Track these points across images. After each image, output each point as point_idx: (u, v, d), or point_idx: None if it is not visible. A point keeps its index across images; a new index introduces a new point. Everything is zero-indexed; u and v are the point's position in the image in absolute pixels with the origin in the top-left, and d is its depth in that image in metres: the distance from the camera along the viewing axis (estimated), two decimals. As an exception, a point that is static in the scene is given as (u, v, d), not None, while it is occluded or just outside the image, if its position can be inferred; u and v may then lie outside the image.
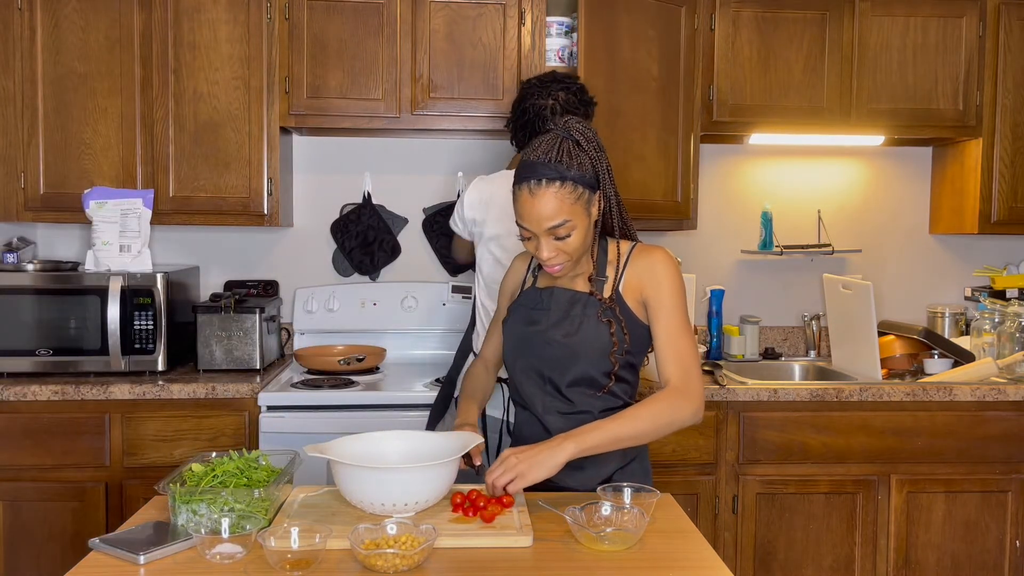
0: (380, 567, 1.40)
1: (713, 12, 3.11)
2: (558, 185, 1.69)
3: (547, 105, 2.40)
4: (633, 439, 1.72)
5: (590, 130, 1.77)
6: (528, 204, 1.71)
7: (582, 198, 1.72)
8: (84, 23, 2.95)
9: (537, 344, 1.84)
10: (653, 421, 1.72)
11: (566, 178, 1.69)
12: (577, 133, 1.74)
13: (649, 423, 1.71)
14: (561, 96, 2.41)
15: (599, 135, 1.80)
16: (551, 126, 1.79)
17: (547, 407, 1.85)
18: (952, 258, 3.62)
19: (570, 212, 1.71)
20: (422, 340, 3.38)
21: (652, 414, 1.72)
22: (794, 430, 2.84)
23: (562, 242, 1.73)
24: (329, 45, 3.01)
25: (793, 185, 3.55)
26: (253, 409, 2.76)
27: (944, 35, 3.19)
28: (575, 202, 1.71)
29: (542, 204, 1.69)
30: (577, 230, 1.73)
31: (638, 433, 1.71)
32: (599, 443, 1.68)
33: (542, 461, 1.63)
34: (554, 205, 1.69)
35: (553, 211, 1.69)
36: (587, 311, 1.80)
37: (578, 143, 1.74)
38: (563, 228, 1.71)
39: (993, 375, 2.98)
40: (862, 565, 2.88)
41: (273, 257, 3.43)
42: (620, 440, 1.71)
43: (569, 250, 1.74)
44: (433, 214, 3.40)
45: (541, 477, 1.63)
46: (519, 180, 1.73)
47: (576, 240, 1.74)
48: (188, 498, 1.55)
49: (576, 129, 1.75)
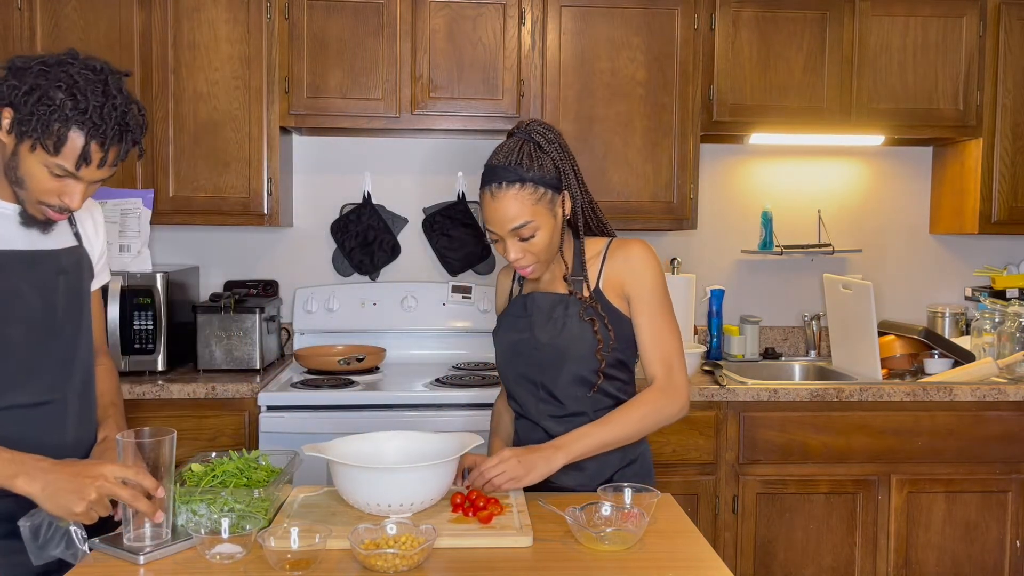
0: (380, 567, 1.40)
1: (713, 12, 3.11)
2: (517, 187, 1.73)
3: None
4: (621, 442, 1.79)
5: (551, 131, 1.81)
6: (491, 207, 1.76)
7: (544, 198, 1.76)
8: (84, 23, 2.95)
9: (525, 350, 1.86)
10: (640, 423, 1.79)
11: (525, 180, 1.74)
12: (538, 135, 1.79)
13: (636, 426, 1.78)
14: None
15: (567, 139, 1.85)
16: (514, 130, 1.82)
17: (541, 412, 1.86)
18: (952, 258, 3.62)
19: (532, 213, 1.75)
20: (422, 340, 3.38)
21: (638, 417, 1.78)
22: (794, 430, 2.84)
23: (527, 243, 1.77)
24: (329, 45, 3.01)
25: (793, 185, 3.55)
26: (253, 409, 2.76)
27: (944, 35, 3.19)
28: (536, 203, 1.75)
29: (503, 206, 1.74)
30: (542, 230, 1.77)
31: (625, 436, 1.79)
32: (587, 450, 1.76)
33: (540, 467, 1.70)
34: (515, 207, 1.74)
35: (515, 213, 1.74)
36: (569, 311, 1.82)
37: (539, 145, 1.78)
38: (526, 229, 1.75)
39: (993, 375, 2.98)
40: (862, 565, 2.88)
41: (273, 257, 3.43)
42: (608, 444, 1.78)
43: (535, 250, 1.78)
44: (433, 214, 3.40)
45: (536, 481, 1.70)
46: (483, 184, 1.78)
47: (542, 240, 1.77)
48: (188, 498, 1.55)
49: (537, 131, 1.79)
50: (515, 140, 1.78)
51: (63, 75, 1.48)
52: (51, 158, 1.49)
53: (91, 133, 1.49)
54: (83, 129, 1.48)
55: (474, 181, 3.42)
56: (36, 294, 1.61)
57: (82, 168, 1.51)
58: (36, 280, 1.62)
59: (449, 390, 2.82)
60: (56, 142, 1.48)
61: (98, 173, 1.54)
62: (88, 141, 1.49)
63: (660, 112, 3.10)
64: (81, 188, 1.55)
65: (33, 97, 1.47)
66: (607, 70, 3.08)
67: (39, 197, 1.55)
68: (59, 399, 1.63)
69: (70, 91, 1.47)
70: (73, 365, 1.68)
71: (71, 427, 1.66)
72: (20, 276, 1.60)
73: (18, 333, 1.59)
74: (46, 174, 1.52)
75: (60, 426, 1.64)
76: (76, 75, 1.48)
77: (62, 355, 1.66)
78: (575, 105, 3.07)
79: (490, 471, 1.68)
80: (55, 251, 1.66)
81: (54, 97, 1.47)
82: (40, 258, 1.63)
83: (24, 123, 1.48)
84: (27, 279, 1.60)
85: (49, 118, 1.46)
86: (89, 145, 1.49)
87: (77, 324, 1.70)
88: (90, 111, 1.48)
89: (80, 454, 1.65)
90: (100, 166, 1.53)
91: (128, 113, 1.53)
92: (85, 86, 1.48)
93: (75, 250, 1.72)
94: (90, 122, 1.48)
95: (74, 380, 1.67)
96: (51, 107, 1.46)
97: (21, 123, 1.48)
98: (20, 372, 1.59)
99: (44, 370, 1.61)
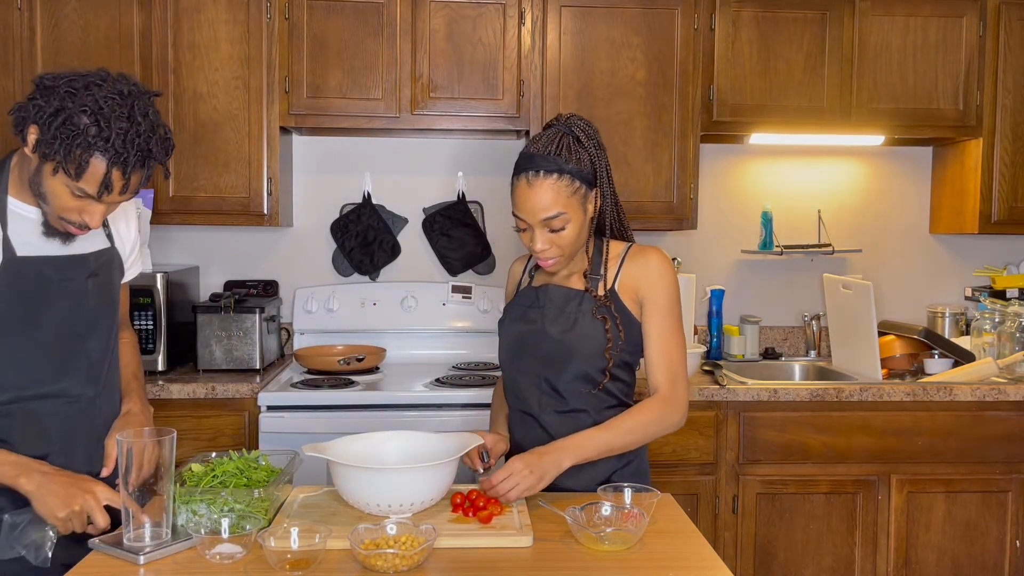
0: (380, 567, 1.40)
1: (713, 12, 3.11)
2: (555, 177, 1.73)
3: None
4: (623, 448, 1.81)
5: (591, 127, 1.81)
6: (525, 194, 1.74)
7: (578, 193, 1.76)
8: (84, 23, 2.95)
9: (533, 342, 1.85)
10: (644, 432, 1.80)
11: (564, 171, 1.73)
12: (578, 129, 1.78)
13: (640, 434, 1.80)
14: None
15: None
16: (553, 122, 1.81)
17: (543, 405, 1.86)
18: (952, 258, 3.62)
19: (565, 205, 1.74)
20: (422, 340, 3.38)
21: (643, 425, 1.80)
22: (794, 430, 2.84)
23: (556, 235, 1.76)
24: (329, 45, 3.01)
25: (793, 185, 3.55)
26: (253, 409, 2.76)
27: (944, 35, 3.19)
28: (571, 196, 1.75)
29: (538, 195, 1.73)
30: (572, 224, 1.76)
31: (629, 443, 1.80)
32: (594, 453, 1.77)
33: (547, 472, 1.69)
34: (550, 196, 1.73)
35: (549, 202, 1.73)
36: (582, 308, 1.82)
37: (578, 139, 1.77)
38: (558, 220, 1.74)
39: (993, 375, 2.98)
40: (862, 565, 2.88)
41: (273, 257, 3.43)
42: (612, 449, 1.79)
43: (562, 243, 1.77)
44: (433, 214, 3.40)
45: (542, 487, 1.69)
46: (518, 171, 1.77)
47: (570, 234, 1.77)
48: (188, 498, 1.55)
49: (577, 125, 1.79)
50: (554, 131, 1.78)
51: (89, 99, 1.48)
52: (73, 182, 1.51)
53: (113, 160, 1.49)
54: (106, 156, 1.49)
55: (474, 181, 3.42)
56: (66, 297, 1.66)
57: (104, 195, 1.53)
58: (66, 284, 1.66)
59: (449, 390, 2.82)
60: (78, 168, 1.49)
61: (120, 198, 1.56)
62: (110, 168, 1.50)
63: (660, 112, 3.10)
64: (102, 209, 1.57)
65: (58, 120, 1.48)
66: (607, 70, 3.08)
67: (60, 214, 1.57)
68: (91, 396, 1.70)
69: (94, 117, 1.47)
70: (105, 364, 1.74)
71: (102, 420, 1.73)
72: (49, 281, 1.64)
73: (50, 336, 1.64)
74: (68, 194, 1.54)
75: (91, 420, 1.71)
76: (102, 100, 1.49)
77: (94, 355, 1.71)
78: (575, 105, 3.07)
79: (502, 486, 1.66)
80: (84, 255, 1.70)
81: (78, 122, 1.47)
82: (69, 263, 1.67)
83: (48, 145, 1.49)
84: (56, 283, 1.65)
85: (72, 143, 1.47)
86: (111, 172, 1.50)
87: (109, 324, 1.75)
88: (113, 138, 1.48)
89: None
90: (122, 192, 1.54)
91: (152, 138, 1.53)
92: (110, 112, 1.48)
93: (106, 252, 1.76)
94: (112, 149, 1.48)
95: (105, 378, 1.74)
96: (75, 132, 1.47)
97: (45, 144, 1.49)
98: (54, 372, 1.64)
99: (77, 369, 1.67)
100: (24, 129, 1.53)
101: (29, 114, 1.51)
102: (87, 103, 1.48)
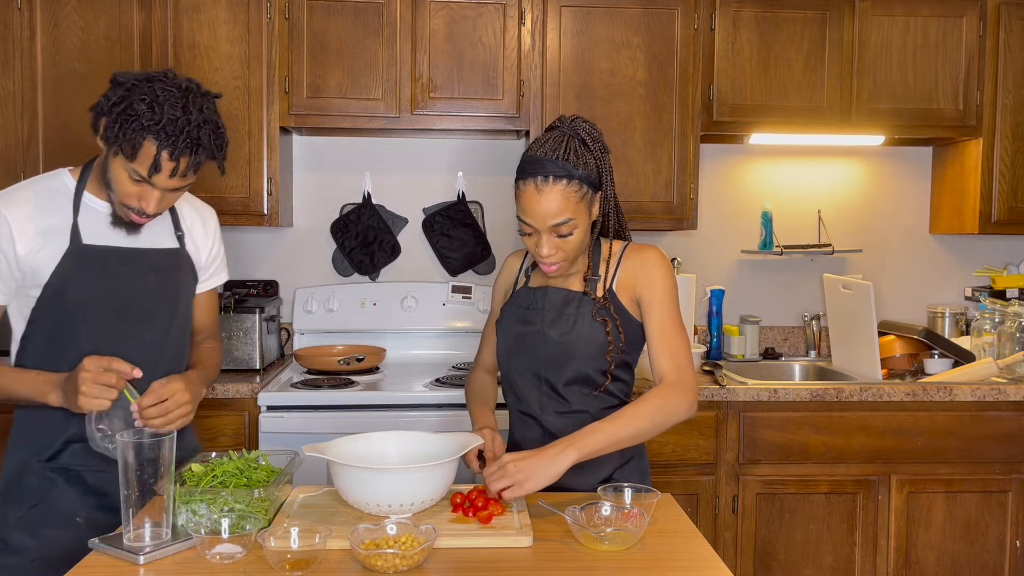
0: (380, 567, 1.40)
1: (713, 12, 3.11)
2: (565, 183, 1.71)
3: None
4: (633, 439, 1.71)
5: (596, 130, 1.79)
6: (534, 200, 1.71)
7: (586, 198, 1.74)
8: (84, 23, 2.95)
9: (533, 344, 1.84)
10: (652, 419, 1.71)
11: (573, 176, 1.71)
12: (584, 132, 1.76)
13: (648, 422, 1.70)
14: None
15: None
16: (556, 124, 1.80)
17: (544, 407, 1.85)
18: (952, 258, 3.62)
19: (574, 211, 1.72)
20: (422, 340, 3.38)
21: (650, 412, 1.71)
22: (794, 430, 2.84)
23: (563, 240, 1.74)
24: (329, 45, 3.01)
25: (793, 185, 3.55)
26: (253, 409, 2.76)
27: (944, 35, 3.19)
28: (579, 201, 1.73)
29: (548, 201, 1.71)
30: (579, 229, 1.75)
31: (638, 433, 1.71)
32: (601, 447, 1.67)
33: (542, 470, 1.61)
34: (559, 203, 1.71)
35: (559, 208, 1.71)
36: (581, 310, 1.81)
37: (584, 142, 1.76)
38: (566, 226, 1.73)
39: (993, 375, 2.98)
40: (862, 565, 2.88)
41: (273, 257, 3.43)
42: (622, 441, 1.70)
43: (568, 248, 1.76)
44: (433, 214, 3.40)
45: (540, 486, 1.61)
46: (524, 175, 1.73)
47: (577, 239, 1.75)
48: (188, 498, 1.55)
49: (583, 128, 1.77)
50: (559, 134, 1.75)
51: (148, 90, 1.66)
52: (129, 163, 1.67)
53: (162, 143, 1.65)
54: (156, 139, 1.65)
55: (474, 181, 3.42)
56: (125, 285, 1.83)
57: (154, 175, 1.68)
58: (126, 273, 1.83)
59: (449, 390, 2.82)
60: (132, 149, 1.65)
61: (171, 182, 1.70)
62: (159, 151, 1.65)
63: (660, 112, 3.10)
64: (156, 195, 1.72)
65: (120, 108, 1.66)
66: (607, 70, 3.08)
67: (121, 199, 1.74)
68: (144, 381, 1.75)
69: (150, 104, 1.65)
70: (161, 350, 1.88)
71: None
72: (109, 268, 1.81)
73: (107, 319, 1.81)
74: (126, 178, 1.70)
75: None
76: (159, 91, 1.66)
77: (150, 341, 1.86)
78: (575, 105, 3.07)
79: (489, 478, 1.63)
80: (147, 250, 1.86)
81: (137, 109, 1.64)
82: (131, 255, 1.84)
83: (110, 129, 1.67)
84: (118, 272, 1.82)
85: (129, 126, 1.64)
86: (160, 154, 1.66)
87: (168, 316, 1.89)
88: (164, 123, 1.64)
89: None
90: (172, 175, 1.69)
91: (203, 129, 1.69)
92: (164, 100, 1.65)
93: (174, 252, 1.92)
94: (163, 132, 1.64)
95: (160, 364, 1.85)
96: (132, 117, 1.64)
97: (108, 129, 1.68)
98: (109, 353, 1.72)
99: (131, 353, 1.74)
100: (97, 122, 1.70)
101: (102, 108, 1.69)
102: (146, 93, 1.66)
